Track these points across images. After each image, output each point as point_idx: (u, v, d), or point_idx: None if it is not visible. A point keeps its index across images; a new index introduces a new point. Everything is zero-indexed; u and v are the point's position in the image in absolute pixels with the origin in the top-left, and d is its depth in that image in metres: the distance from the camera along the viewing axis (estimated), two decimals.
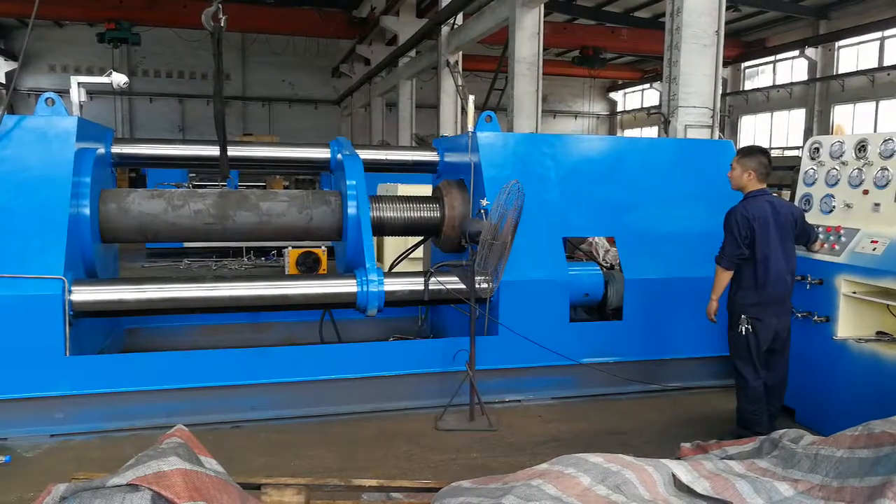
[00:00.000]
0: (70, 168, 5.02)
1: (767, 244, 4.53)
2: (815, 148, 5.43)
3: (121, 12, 20.35)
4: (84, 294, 4.88)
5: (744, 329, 4.57)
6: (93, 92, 6.04)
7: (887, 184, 4.77)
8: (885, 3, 20.50)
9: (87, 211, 5.20)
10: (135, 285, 5.20)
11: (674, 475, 2.78)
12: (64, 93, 5.31)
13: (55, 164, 5.00)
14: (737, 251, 4.55)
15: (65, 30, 27.37)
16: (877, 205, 4.82)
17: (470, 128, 5.98)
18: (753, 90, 27.09)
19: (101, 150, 5.68)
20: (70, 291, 4.77)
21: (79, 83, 5.48)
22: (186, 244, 12.50)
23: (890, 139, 4.82)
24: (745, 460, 3.20)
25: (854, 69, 22.49)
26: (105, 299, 5.00)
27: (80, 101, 5.46)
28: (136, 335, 6.48)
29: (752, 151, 4.74)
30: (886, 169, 4.78)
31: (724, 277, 4.65)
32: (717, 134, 7.73)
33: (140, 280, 5.43)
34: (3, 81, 25.36)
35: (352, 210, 5.69)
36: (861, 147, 5.02)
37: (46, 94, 5.27)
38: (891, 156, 4.79)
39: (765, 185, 4.70)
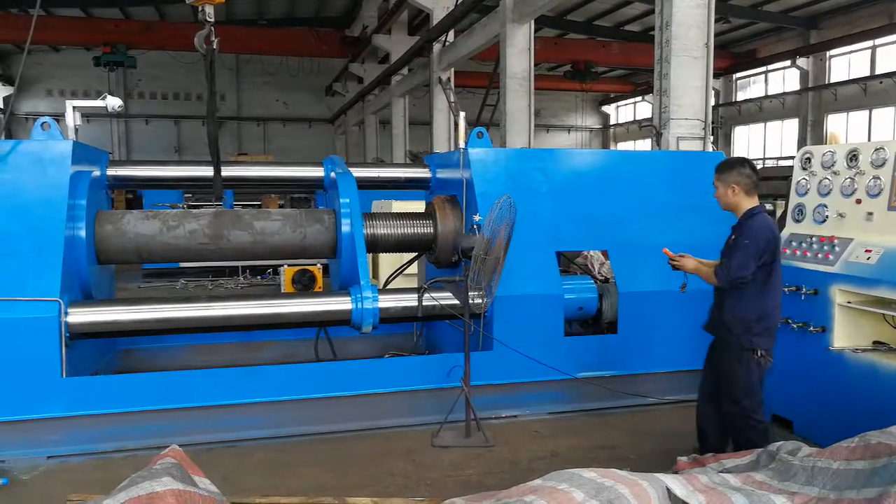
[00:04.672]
0: (66, 191, 5.05)
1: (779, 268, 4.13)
2: (807, 158, 5.45)
3: (117, 36, 20.53)
4: (80, 316, 4.89)
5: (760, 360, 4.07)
6: (89, 115, 6.12)
7: (879, 192, 4.77)
8: (875, 13, 20.67)
9: (82, 233, 5.22)
10: (130, 306, 5.21)
11: (668, 489, 2.77)
12: (61, 116, 5.35)
13: (51, 188, 5.04)
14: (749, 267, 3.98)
15: (61, 54, 27.52)
16: (870, 214, 4.82)
17: (461, 144, 6.00)
18: (746, 101, 27.20)
19: (97, 173, 5.71)
20: (66, 313, 4.78)
21: (74, 107, 5.53)
22: (183, 264, 12.50)
23: (881, 148, 4.84)
24: (741, 473, 3.19)
25: (846, 78, 22.60)
26: (100, 321, 5.02)
27: (75, 125, 5.50)
28: (131, 355, 6.46)
29: (730, 164, 4.18)
30: (878, 178, 4.80)
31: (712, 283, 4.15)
32: (709, 146, 7.76)
33: (135, 301, 5.44)
34: (1, 106, 25.46)
35: (345, 228, 5.71)
36: (852, 156, 5.03)
37: (42, 119, 5.31)
38: (882, 164, 4.80)
39: (756, 200, 4.14)
